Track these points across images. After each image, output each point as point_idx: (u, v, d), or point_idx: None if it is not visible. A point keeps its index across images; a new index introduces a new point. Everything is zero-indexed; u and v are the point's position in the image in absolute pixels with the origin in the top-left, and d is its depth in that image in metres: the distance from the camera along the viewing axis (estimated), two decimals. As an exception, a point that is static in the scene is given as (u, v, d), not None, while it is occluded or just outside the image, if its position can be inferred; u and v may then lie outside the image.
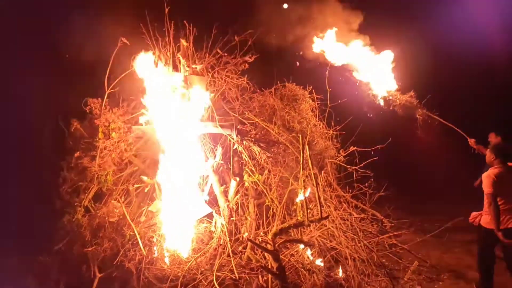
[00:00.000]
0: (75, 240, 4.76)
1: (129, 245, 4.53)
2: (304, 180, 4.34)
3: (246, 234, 4.43)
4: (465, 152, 5.34)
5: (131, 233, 4.56)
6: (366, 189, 5.63)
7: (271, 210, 5.01)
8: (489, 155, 4.11)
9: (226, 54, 5.20)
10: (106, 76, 5.29)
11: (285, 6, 6.61)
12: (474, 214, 4.35)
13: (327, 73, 5.52)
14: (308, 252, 4.69)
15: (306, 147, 4.26)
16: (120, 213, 4.84)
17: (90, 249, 4.60)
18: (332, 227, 4.83)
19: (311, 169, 4.33)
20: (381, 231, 5.74)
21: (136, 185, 5.13)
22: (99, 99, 5.30)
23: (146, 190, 5.08)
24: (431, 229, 6.27)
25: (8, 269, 5.29)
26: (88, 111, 5.29)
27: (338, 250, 4.67)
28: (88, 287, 4.45)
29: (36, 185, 5.34)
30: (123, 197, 5.34)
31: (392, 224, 6.20)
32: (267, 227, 4.91)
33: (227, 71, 5.19)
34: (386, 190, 5.93)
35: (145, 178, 5.09)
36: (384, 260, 4.95)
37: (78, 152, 5.23)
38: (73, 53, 6.23)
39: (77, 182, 5.18)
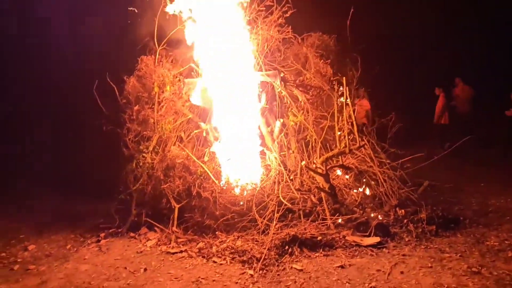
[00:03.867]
0: (150, 180, 5.57)
1: (200, 180, 5.38)
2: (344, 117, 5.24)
3: (304, 162, 5.36)
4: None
5: (201, 170, 5.40)
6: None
7: (310, 145, 5.93)
8: None
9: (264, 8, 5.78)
10: (155, 34, 5.82)
11: None
12: None
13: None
14: (346, 176, 5.72)
15: (346, 88, 5.10)
16: (185, 155, 5.63)
17: (165, 185, 5.44)
18: (363, 155, 5.84)
19: (351, 107, 5.22)
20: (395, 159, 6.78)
21: (195, 131, 5.88)
22: (152, 56, 5.86)
23: (204, 135, 5.85)
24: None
25: (94, 210, 6.15)
26: (142, 68, 5.85)
27: (370, 172, 5.70)
28: (169, 216, 5.35)
29: (102, 138, 6.01)
30: (177, 143, 6.12)
31: (403, 152, 7.33)
32: (308, 159, 5.86)
33: (267, 24, 5.81)
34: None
35: (202, 124, 5.83)
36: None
37: (138, 106, 5.87)
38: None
39: (140, 132, 5.88)
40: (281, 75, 5.80)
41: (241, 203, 5.22)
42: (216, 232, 4.94)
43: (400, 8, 12.57)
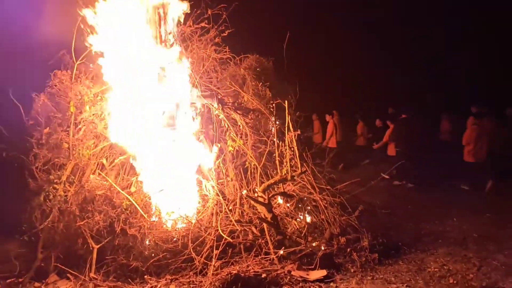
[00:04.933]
0: (63, 216, 4.68)
1: (126, 214, 4.65)
2: (286, 142, 5.00)
3: (245, 191, 4.94)
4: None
5: (127, 202, 4.68)
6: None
7: (249, 171, 5.58)
8: None
9: (199, 26, 5.39)
10: (73, 47, 5.07)
11: None
12: None
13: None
14: (287, 204, 5.44)
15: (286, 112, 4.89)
16: (107, 186, 4.87)
17: (82, 222, 4.60)
18: (303, 181, 5.64)
19: (292, 132, 5.01)
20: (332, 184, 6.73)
21: (120, 158, 5.15)
22: (69, 71, 5.07)
23: (131, 161, 5.14)
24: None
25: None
26: (55, 85, 5.02)
27: (310, 199, 5.49)
28: (86, 259, 4.50)
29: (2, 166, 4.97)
30: (97, 172, 5.32)
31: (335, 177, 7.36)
32: (247, 187, 5.48)
33: (203, 44, 5.42)
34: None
35: (129, 150, 5.13)
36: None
37: (48, 128, 4.99)
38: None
39: (51, 159, 4.97)
40: (218, 97, 5.42)
41: (175, 239, 4.62)
42: (145, 276, 4.24)
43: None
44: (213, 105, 5.33)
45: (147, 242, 4.46)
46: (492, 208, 6.81)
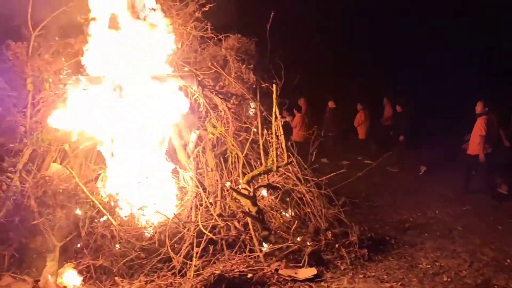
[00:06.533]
0: (18, 210, 4.08)
1: (93, 210, 4.12)
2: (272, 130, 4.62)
3: (229, 183, 4.53)
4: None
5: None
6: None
7: (230, 161, 5.16)
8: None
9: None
10: (29, 15, 4.38)
11: None
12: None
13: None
14: (272, 197, 5.09)
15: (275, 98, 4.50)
16: (69, 179, 4.29)
17: (42, 219, 4.02)
18: (288, 172, 5.30)
19: (279, 120, 4.64)
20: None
21: (85, 143, 4.57)
22: (24, 42, 4.39)
23: (98, 148, 4.57)
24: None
25: None
26: (9, 59, 4.33)
27: (296, 191, 5.17)
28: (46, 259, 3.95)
29: None
30: (59, 160, 4.72)
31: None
32: (228, 177, 5.08)
33: (181, 18, 4.87)
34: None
35: (96, 136, 4.55)
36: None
37: (0, 108, 4.32)
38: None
39: (5, 144, 4.32)
40: (198, 79, 4.92)
41: (147, 233, 4.15)
42: (116, 278, 3.76)
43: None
44: (192, 88, 4.83)
45: (117, 240, 3.97)
46: (468, 200, 6.78)
